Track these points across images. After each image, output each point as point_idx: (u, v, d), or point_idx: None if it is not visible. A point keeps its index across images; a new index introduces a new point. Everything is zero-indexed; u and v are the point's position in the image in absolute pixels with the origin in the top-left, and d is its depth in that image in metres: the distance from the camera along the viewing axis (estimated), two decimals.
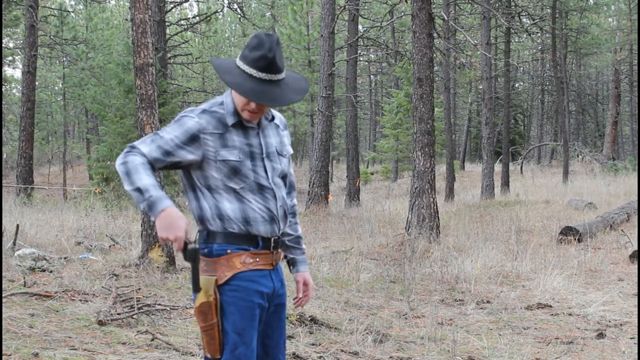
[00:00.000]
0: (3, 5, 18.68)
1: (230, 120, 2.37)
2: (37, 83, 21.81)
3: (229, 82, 2.30)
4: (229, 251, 2.35)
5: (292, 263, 2.64)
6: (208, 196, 2.38)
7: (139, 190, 2.20)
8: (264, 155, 2.42)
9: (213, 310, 2.30)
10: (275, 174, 2.46)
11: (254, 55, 2.29)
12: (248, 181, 2.37)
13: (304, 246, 2.67)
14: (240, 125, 2.40)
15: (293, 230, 2.62)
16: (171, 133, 2.32)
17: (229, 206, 2.35)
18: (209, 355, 2.35)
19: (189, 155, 2.33)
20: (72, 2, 37.75)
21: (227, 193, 2.36)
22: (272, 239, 2.42)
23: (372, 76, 46.22)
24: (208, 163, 2.35)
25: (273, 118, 2.54)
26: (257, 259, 2.38)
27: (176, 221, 2.18)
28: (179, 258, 7.37)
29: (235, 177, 2.36)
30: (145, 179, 2.21)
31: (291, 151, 2.60)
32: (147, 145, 2.31)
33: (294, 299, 2.66)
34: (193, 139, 2.33)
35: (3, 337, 4.25)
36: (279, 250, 2.49)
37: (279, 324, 2.51)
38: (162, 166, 2.33)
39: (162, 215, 2.18)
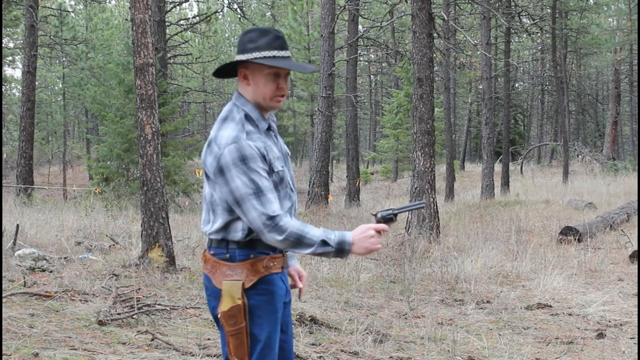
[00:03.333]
0: (3, 5, 18.68)
1: (263, 126, 2.38)
2: (37, 83, 21.81)
3: (260, 57, 2.30)
4: (252, 256, 2.36)
5: None
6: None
7: (323, 242, 2.24)
8: (286, 159, 2.48)
9: (242, 313, 2.31)
10: (292, 174, 2.52)
11: (268, 40, 2.33)
12: (286, 187, 2.41)
13: None
14: (267, 130, 2.42)
15: None
16: (261, 174, 2.27)
17: None
18: (235, 359, 2.35)
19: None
20: (72, 2, 37.74)
21: None
22: None
23: (372, 76, 46.24)
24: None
25: None
26: (275, 263, 2.40)
27: (365, 234, 2.28)
28: (179, 258, 7.38)
29: (280, 185, 2.37)
30: (317, 230, 2.26)
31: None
32: (274, 202, 2.26)
33: (292, 287, 2.68)
34: (264, 158, 2.30)
35: (3, 337, 4.25)
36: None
37: (289, 319, 2.57)
38: None
39: (353, 242, 2.27)
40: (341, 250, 2.25)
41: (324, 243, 2.23)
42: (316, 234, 2.24)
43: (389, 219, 2.39)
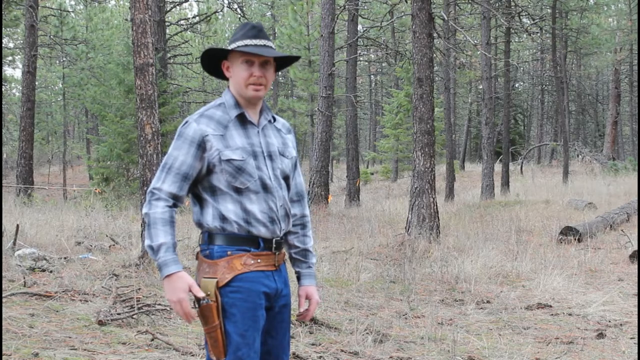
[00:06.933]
0: (3, 5, 18.67)
1: (233, 113, 2.41)
2: (37, 83, 21.80)
3: (230, 48, 2.42)
4: (229, 253, 2.35)
5: (297, 277, 2.61)
6: (210, 199, 2.39)
7: (151, 248, 2.31)
8: (266, 154, 2.43)
9: (214, 312, 2.30)
10: (278, 173, 2.46)
11: (243, 31, 2.42)
12: (252, 180, 2.37)
13: (312, 260, 2.61)
14: (242, 121, 2.42)
15: (301, 242, 2.59)
16: (180, 153, 2.36)
17: (230, 208, 2.36)
18: (213, 358, 2.34)
19: (201, 164, 2.37)
20: (72, 2, 37.77)
21: (230, 194, 2.37)
22: (274, 240, 2.42)
23: (372, 76, 46.26)
24: (213, 165, 2.36)
25: (274, 120, 2.54)
26: (259, 260, 2.38)
27: (177, 284, 2.28)
28: (179, 258, 7.36)
29: (240, 176, 2.36)
30: (161, 237, 2.30)
31: (295, 154, 2.57)
32: (165, 181, 2.36)
33: (297, 314, 2.62)
34: (199, 146, 2.36)
35: (3, 337, 4.25)
36: (282, 251, 2.48)
37: (282, 324, 2.50)
38: (188, 188, 2.39)
39: (165, 281, 2.31)
40: (159, 269, 2.33)
41: (151, 249, 2.31)
42: (158, 240, 2.29)
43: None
